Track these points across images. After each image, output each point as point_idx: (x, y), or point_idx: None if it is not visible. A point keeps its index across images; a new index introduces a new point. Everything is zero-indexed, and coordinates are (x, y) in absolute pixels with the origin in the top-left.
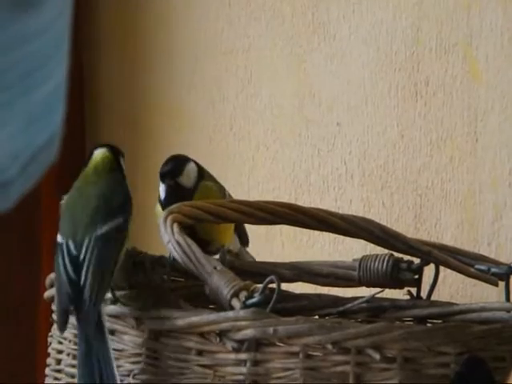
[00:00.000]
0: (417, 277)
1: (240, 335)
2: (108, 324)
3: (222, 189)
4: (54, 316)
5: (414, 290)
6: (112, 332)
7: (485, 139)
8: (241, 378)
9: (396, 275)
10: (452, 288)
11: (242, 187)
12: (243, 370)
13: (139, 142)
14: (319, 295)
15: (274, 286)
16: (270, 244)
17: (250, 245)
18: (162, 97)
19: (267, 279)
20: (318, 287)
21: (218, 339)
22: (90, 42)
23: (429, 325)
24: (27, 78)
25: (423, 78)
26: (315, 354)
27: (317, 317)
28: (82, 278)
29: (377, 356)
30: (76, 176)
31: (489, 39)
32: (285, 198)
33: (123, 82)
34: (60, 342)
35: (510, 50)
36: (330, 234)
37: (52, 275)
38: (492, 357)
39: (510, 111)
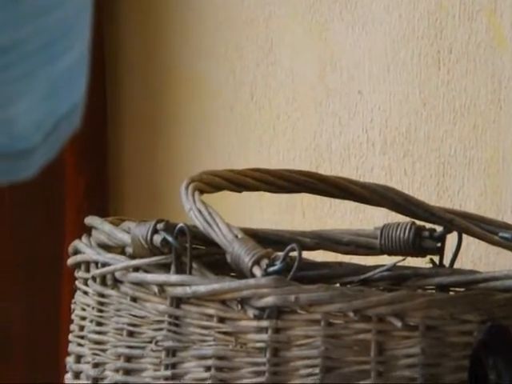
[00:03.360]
0: (439, 245)
1: (261, 303)
2: (130, 291)
3: None
4: (77, 283)
5: (436, 258)
6: (134, 299)
7: (509, 106)
8: (262, 345)
9: (418, 243)
10: (475, 256)
11: (263, 156)
12: (264, 337)
13: (160, 111)
14: (340, 263)
15: (295, 254)
16: (290, 213)
17: (271, 214)
18: (182, 66)
19: (288, 247)
20: (339, 255)
21: (239, 306)
22: (111, 14)
23: (451, 293)
24: (50, 48)
25: (446, 45)
26: (336, 321)
27: (338, 285)
28: None
29: (399, 324)
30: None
31: None
32: (306, 167)
33: (144, 52)
34: (83, 309)
35: None
36: (351, 202)
37: (75, 242)
38: None
39: None
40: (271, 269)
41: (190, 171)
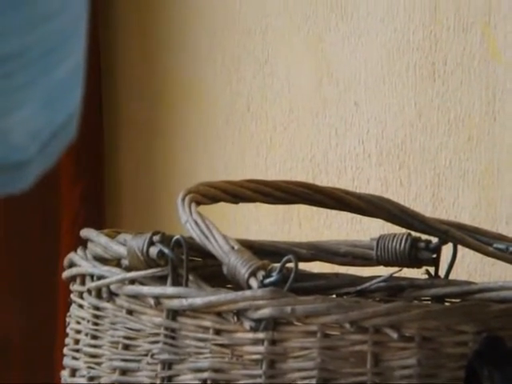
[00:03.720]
0: (435, 256)
1: (257, 314)
2: (126, 304)
3: None
4: (73, 296)
5: (432, 269)
6: (130, 312)
7: (503, 118)
8: (258, 357)
9: (414, 254)
10: (470, 267)
11: (260, 167)
12: (261, 349)
13: (157, 121)
14: (337, 274)
15: (291, 265)
16: (287, 224)
17: (267, 225)
18: (179, 76)
19: (285, 258)
20: (336, 266)
21: (235, 318)
22: (108, 20)
23: (447, 304)
24: (47, 57)
25: (441, 57)
26: (333, 333)
27: (334, 296)
28: None
29: (395, 335)
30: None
31: (507, 18)
32: (302, 178)
33: (141, 59)
34: (78, 322)
35: None
36: (348, 213)
37: (70, 255)
38: (510, 335)
39: None
40: (267, 280)
41: (187, 182)
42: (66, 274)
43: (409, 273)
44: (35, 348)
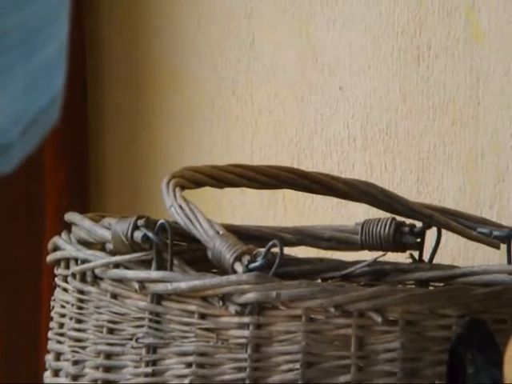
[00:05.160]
0: (419, 240)
1: (243, 299)
2: (110, 288)
3: None
4: (57, 280)
5: (416, 254)
6: (114, 296)
7: (487, 102)
8: (243, 341)
9: (398, 239)
10: (454, 251)
11: (245, 152)
12: (246, 333)
13: (141, 105)
14: (322, 259)
15: (276, 250)
16: (272, 209)
17: (252, 210)
18: (164, 60)
19: (270, 243)
20: (321, 251)
21: (220, 303)
22: (93, 7)
23: (431, 288)
24: (28, 41)
25: (425, 41)
26: (317, 317)
27: (319, 280)
28: None
29: (379, 319)
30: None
31: (491, 1)
32: (287, 163)
33: (125, 44)
34: (63, 306)
35: None
36: (333, 198)
37: (54, 239)
38: (493, 319)
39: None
40: (253, 265)
41: (172, 167)
42: (50, 257)
43: (393, 257)
44: (19, 332)
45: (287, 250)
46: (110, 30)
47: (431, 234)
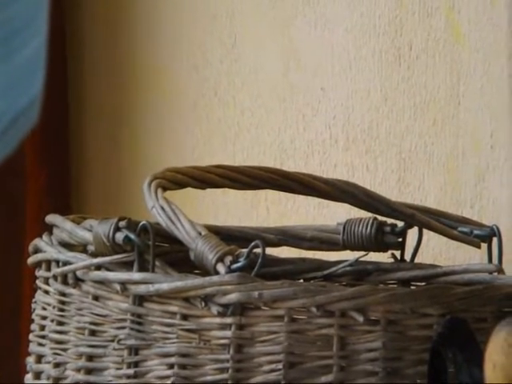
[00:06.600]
0: (400, 240)
1: (225, 299)
2: (92, 290)
3: None
4: (38, 282)
5: (397, 253)
6: (96, 298)
7: (467, 102)
8: (226, 341)
9: (380, 238)
10: (435, 250)
11: (227, 152)
12: (228, 333)
13: (123, 106)
14: (304, 259)
15: (258, 250)
16: (255, 209)
17: (235, 210)
18: (146, 61)
19: (252, 244)
20: (303, 251)
21: (202, 304)
22: (73, 6)
23: (412, 287)
24: (6, 43)
25: (406, 41)
26: (300, 317)
27: (302, 281)
28: None
29: (360, 318)
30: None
31: (471, 2)
32: (270, 163)
33: (107, 44)
34: (44, 308)
35: (492, 13)
36: (315, 198)
37: (35, 241)
38: (474, 318)
39: (491, 74)
40: (235, 266)
41: (154, 168)
42: (31, 259)
43: (375, 257)
44: (0, 334)
45: (269, 251)
46: (92, 29)
47: (413, 234)
